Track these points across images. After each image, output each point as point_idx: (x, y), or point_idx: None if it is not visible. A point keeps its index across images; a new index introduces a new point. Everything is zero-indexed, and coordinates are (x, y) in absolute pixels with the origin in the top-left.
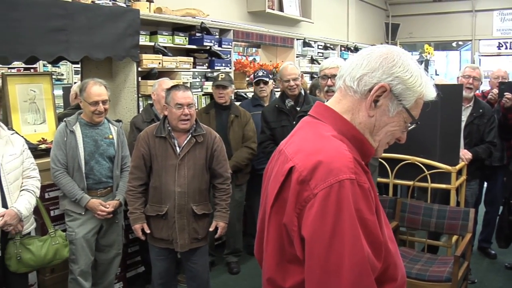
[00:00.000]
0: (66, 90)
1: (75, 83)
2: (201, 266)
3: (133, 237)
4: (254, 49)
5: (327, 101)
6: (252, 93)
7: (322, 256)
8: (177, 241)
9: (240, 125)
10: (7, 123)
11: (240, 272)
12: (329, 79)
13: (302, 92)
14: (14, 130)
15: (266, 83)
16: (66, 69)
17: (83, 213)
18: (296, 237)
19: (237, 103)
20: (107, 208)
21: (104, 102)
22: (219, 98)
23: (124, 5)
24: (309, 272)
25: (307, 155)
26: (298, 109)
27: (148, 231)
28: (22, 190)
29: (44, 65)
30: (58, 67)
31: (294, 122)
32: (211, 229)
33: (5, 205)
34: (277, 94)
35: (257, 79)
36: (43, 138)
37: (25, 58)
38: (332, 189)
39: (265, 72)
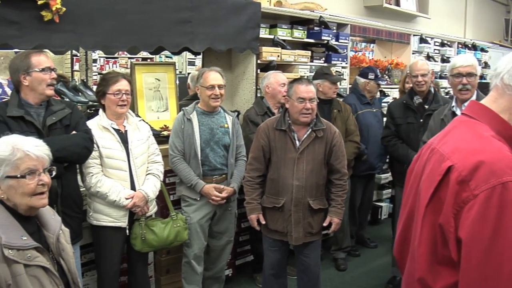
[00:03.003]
0: (181, 80)
1: (189, 74)
2: (313, 260)
3: (245, 226)
4: (363, 44)
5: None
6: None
7: (480, 260)
8: (291, 234)
9: (342, 119)
10: (133, 109)
11: (347, 269)
12: (464, 78)
13: (432, 90)
14: (140, 117)
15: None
16: (179, 60)
17: (198, 199)
18: (452, 238)
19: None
20: (221, 193)
21: (220, 86)
22: (333, 93)
23: None
24: (464, 275)
25: (467, 154)
26: (427, 107)
27: (264, 222)
28: (148, 174)
29: (159, 56)
30: (171, 57)
31: (421, 120)
32: (325, 224)
33: (133, 188)
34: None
35: (379, 81)
36: (165, 125)
37: (153, 48)
38: (494, 191)
39: (380, 73)
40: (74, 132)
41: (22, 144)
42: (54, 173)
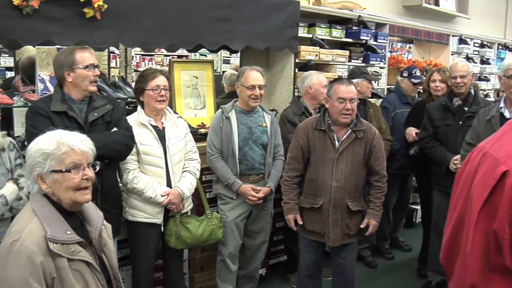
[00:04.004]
0: (216, 78)
1: (224, 72)
2: (349, 262)
3: (280, 226)
4: (399, 44)
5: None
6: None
7: None
8: (328, 235)
9: (376, 118)
10: (171, 106)
11: (382, 272)
12: None
13: (472, 91)
14: (177, 114)
15: (421, 84)
16: (214, 58)
17: (234, 198)
18: (507, 245)
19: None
20: (258, 193)
21: (260, 87)
22: (369, 93)
23: None
24: None
25: None
26: (466, 109)
27: (301, 222)
28: (184, 171)
29: (194, 54)
30: (205, 55)
31: (461, 123)
32: (362, 226)
33: (169, 185)
34: None
35: (418, 80)
36: (202, 123)
37: (192, 45)
38: None
39: (420, 72)
40: (115, 128)
41: (67, 138)
42: (98, 168)
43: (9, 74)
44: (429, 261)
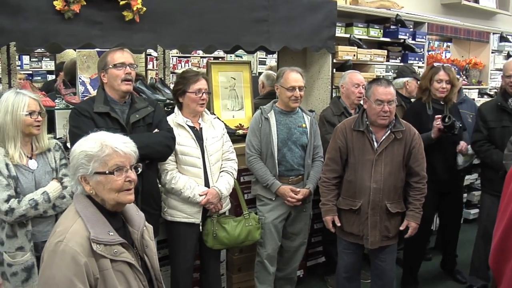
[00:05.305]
0: (253, 79)
1: (259, 73)
2: (388, 265)
3: (318, 227)
4: (436, 43)
5: None
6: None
7: None
8: (367, 238)
9: None
10: (209, 107)
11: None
12: None
13: None
14: (215, 115)
15: None
16: (250, 59)
17: (273, 199)
18: None
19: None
20: (297, 195)
21: (300, 88)
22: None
23: None
24: None
25: None
26: None
27: (339, 224)
28: (221, 171)
29: (230, 55)
30: (241, 56)
31: None
32: (401, 228)
33: (207, 185)
34: None
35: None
36: (240, 124)
37: (230, 47)
38: None
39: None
40: (156, 130)
41: (110, 141)
42: (140, 170)
43: (50, 77)
44: (472, 266)
